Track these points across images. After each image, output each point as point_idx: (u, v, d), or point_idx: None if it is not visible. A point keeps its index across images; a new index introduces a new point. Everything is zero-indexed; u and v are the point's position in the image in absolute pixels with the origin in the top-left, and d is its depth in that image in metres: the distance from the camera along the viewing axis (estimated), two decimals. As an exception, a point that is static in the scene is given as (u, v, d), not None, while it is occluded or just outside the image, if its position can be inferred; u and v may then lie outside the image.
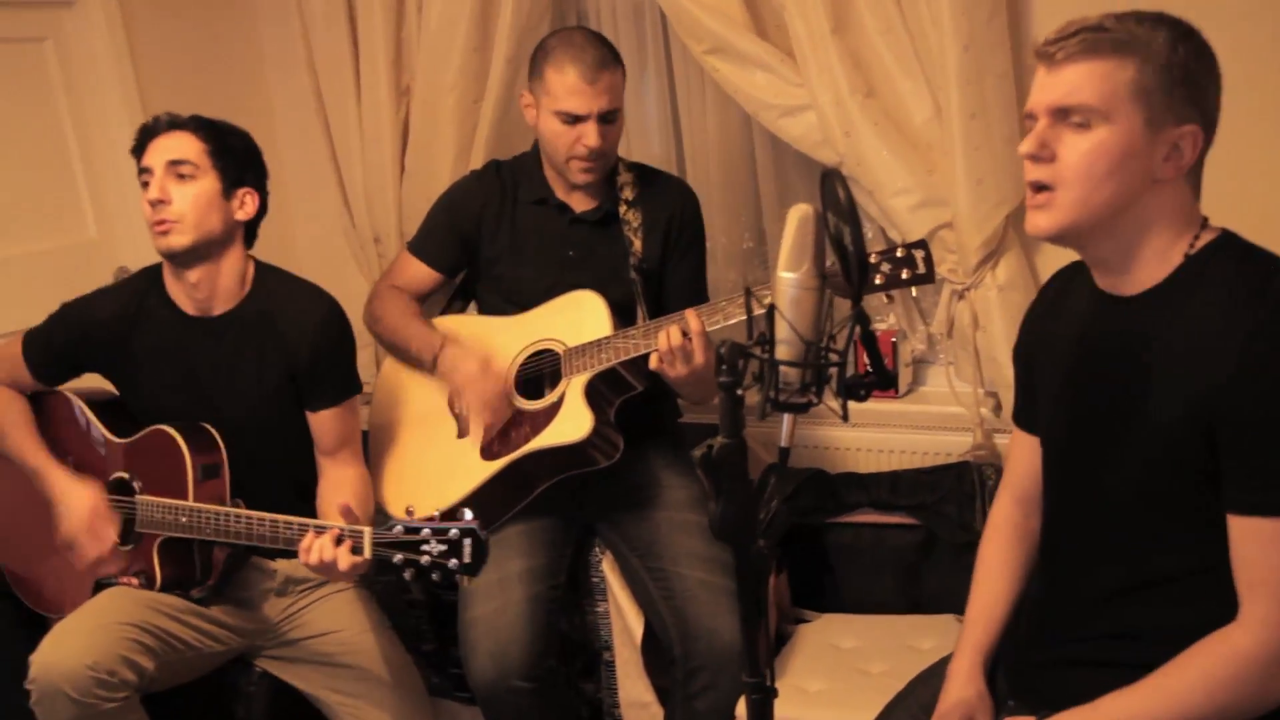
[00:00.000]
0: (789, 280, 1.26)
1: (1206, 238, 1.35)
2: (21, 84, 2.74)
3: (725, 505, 1.30)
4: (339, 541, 1.84)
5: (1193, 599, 1.35)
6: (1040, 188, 1.35)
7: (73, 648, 1.86)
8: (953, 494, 2.32)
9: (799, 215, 1.26)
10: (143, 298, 2.15)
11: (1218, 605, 1.31)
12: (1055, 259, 2.34)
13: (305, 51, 3.02)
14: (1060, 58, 1.31)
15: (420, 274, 2.38)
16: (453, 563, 1.77)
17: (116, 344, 2.14)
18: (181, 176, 2.02)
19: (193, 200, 2.02)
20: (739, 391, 1.28)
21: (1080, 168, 1.30)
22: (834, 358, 1.29)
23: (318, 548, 1.85)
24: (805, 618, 2.41)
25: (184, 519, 1.99)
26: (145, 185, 2.04)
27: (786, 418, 1.31)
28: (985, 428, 2.44)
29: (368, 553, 1.82)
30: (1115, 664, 1.38)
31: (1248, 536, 1.28)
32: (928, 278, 1.95)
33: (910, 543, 2.36)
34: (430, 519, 1.80)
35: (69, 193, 2.85)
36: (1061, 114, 1.31)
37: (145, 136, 2.08)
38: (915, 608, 2.36)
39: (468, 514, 1.79)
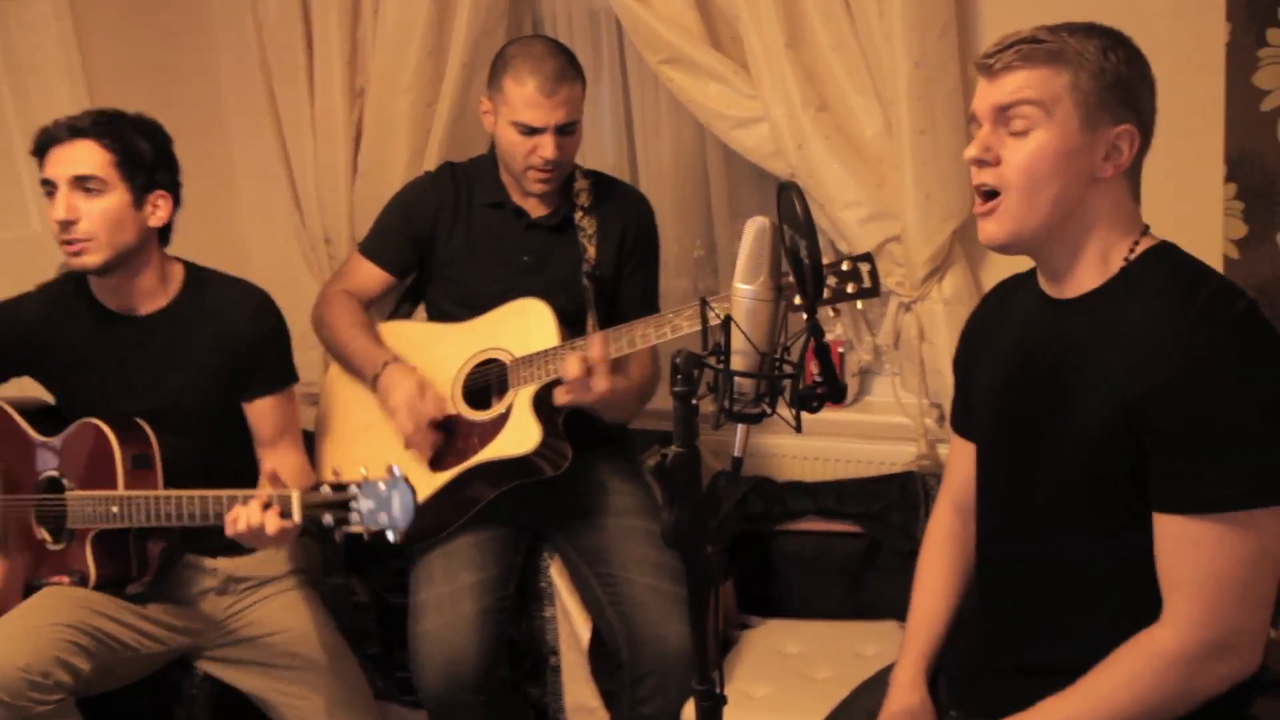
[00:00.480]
0: (745, 291, 1.28)
1: (1145, 244, 1.40)
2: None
3: (678, 513, 1.32)
4: (266, 507, 1.81)
5: (1126, 601, 1.38)
6: (988, 194, 1.40)
7: (4, 651, 1.83)
8: (897, 503, 2.36)
9: (756, 227, 1.28)
10: (69, 299, 2.10)
11: (1150, 610, 1.34)
12: (1001, 274, 2.38)
13: (259, 49, 3.00)
14: (998, 68, 1.37)
15: (371, 275, 2.37)
16: (382, 517, 1.73)
17: (44, 346, 2.10)
18: (88, 190, 1.94)
19: (101, 217, 1.94)
20: (693, 401, 1.30)
21: (1023, 168, 1.35)
22: (788, 369, 1.31)
23: (244, 515, 1.81)
24: (750, 623, 2.43)
25: (114, 509, 1.95)
26: (49, 195, 1.96)
27: (740, 428, 1.33)
28: (929, 438, 2.49)
29: (296, 516, 1.78)
30: (1054, 670, 1.41)
31: (1171, 535, 1.31)
32: (873, 291, 1.98)
33: (855, 550, 2.40)
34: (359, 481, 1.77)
35: (10, 184, 2.79)
36: (1003, 116, 1.37)
37: (45, 143, 1.98)
38: (859, 614, 2.39)
39: (395, 469, 1.75)
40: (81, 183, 1.95)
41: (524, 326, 2.16)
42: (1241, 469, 1.27)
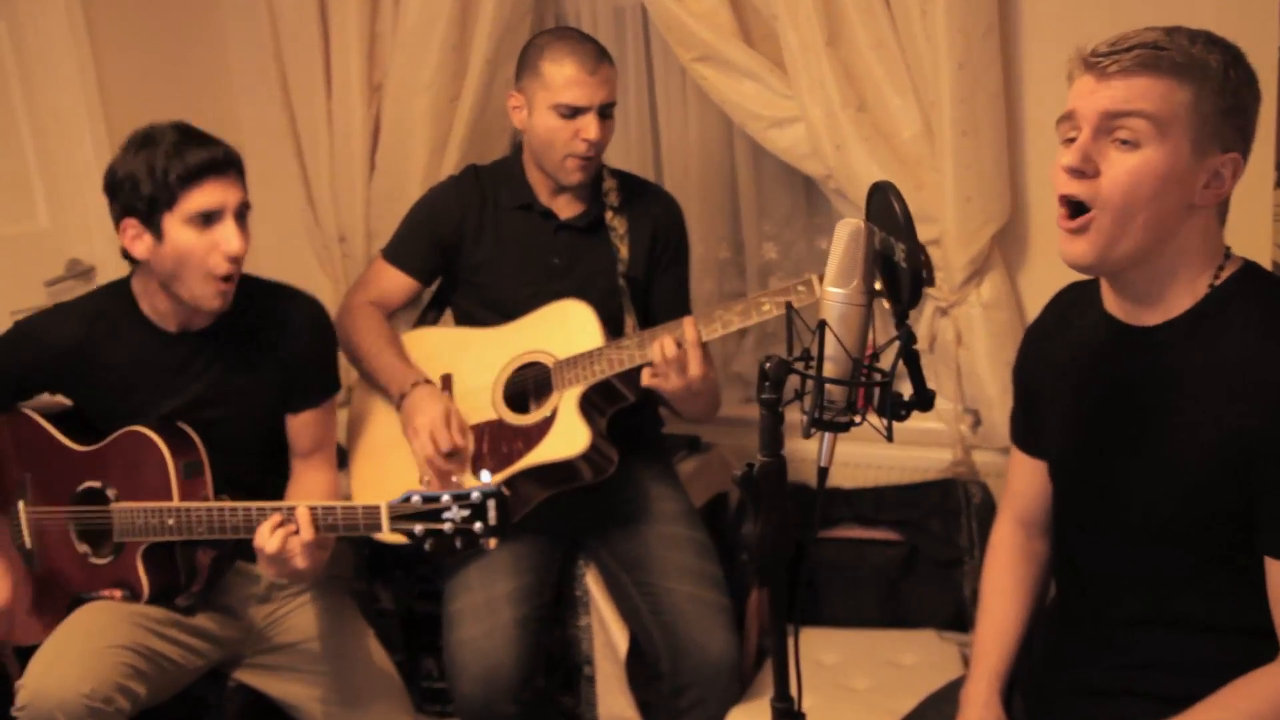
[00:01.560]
0: (837, 296, 1.23)
1: (1231, 268, 1.34)
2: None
3: (765, 524, 1.28)
4: (314, 521, 1.78)
5: (1216, 633, 1.35)
6: (1077, 210, 1.30)
7: (67, 675, 1.77)
8: (937, 510, 2.33)
9: (850, 229, 1.23)
10: (112, 318, 1.99)
11: (1242, 641, 1.31)
12: (1040, 280, 2.39)
13: (273, 43, 2.93)
14: (1113, 69, 1.26)
15: (396, 283, 2.31)
16: (478, 526, 1.70)
17: (83, 364, 1.98)
18: (242, 220, 1.91)
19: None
20: (780, 409, 1.26)
21: (1125, 186, 1.26)
22: (878, 376, 1.27)
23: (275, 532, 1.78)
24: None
25: (170, 521, 1.88)
26: (204, 223, 1.86)
27: (827, 437, 1.29)
28: (964, 444, 2.46)
29: (385, 528, 1.75)
30: (1135, 693, 1.38)
31: None
32: (929, 281, 1.94)
33: (892, 558, 2.36)
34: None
35: (20, 180, 2.72)
36: (1109, 124, 1.26)
37: (204, 170, 1.87)
38: (896, 622, 2.35)
39: (485, 475, 1.73)
40: (243, 212, 1.92)
41: (566, 328, 2.11)
42: None
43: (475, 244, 2.26)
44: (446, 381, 2.19)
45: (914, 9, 2.24)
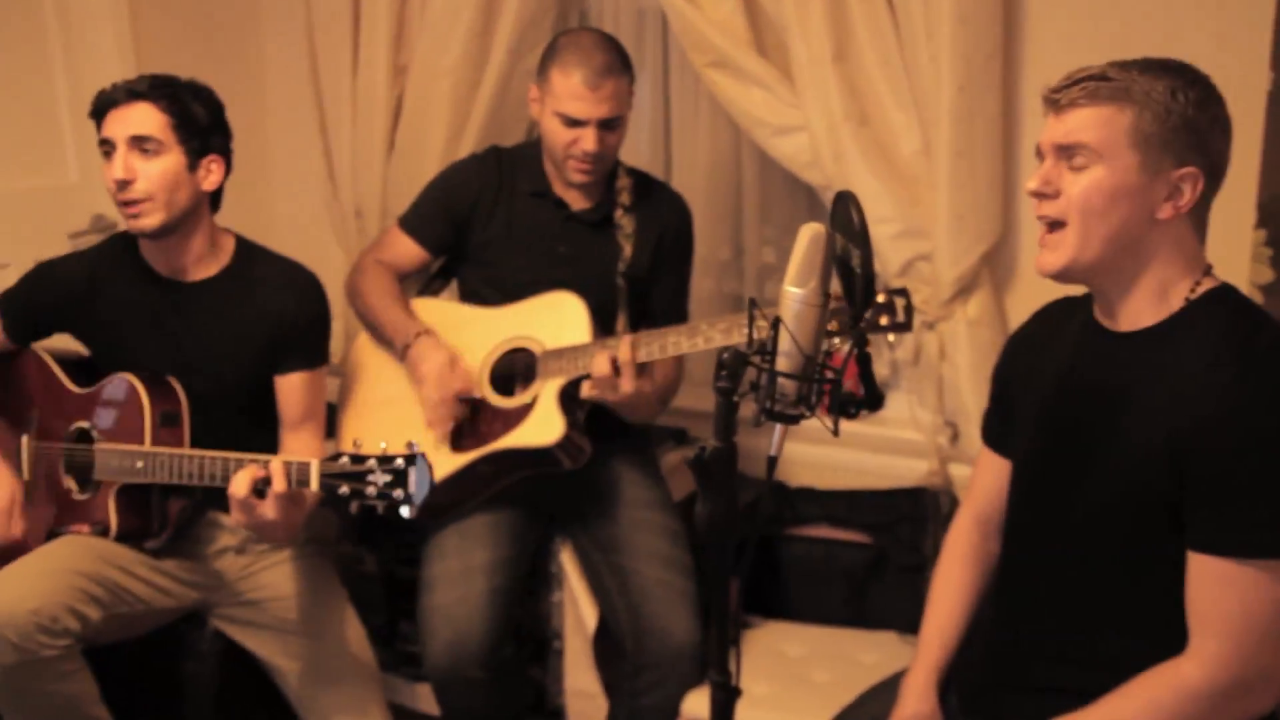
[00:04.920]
0: (795, 295, 1.31)
1: (1207, 285, 1.42)
2: (15, 23, 2.71)
3: (712, 506, 1.35)
4: (286, 475, 1.83)
5: (1146, 630, 1.42)
6: (1052, 226, 1.42)
7: (17, 592, 1.86)
8: (908, 517, 2.40)
9: (810, 233, 1.31)
10: (116, 260, 2.14)
11: (1169, 638, 1.38)
12: (1026, 300, 2.43)
13: (305, 19, 3.02)
14: (1064, 103, 1.39)
15: (408, 250, 2.39)
16: (398, 493, 1.76)
17: (88, 303, 2.12)
18: (145, 151, 1.98)
19: (159, 178, 1.98)
20: (734, 399, 1.33)
21: (1079, 202, 1.38)
22: (829, 374, 1.34)
23: (247, 475, 1.84)
24: (751, 623, 2.47)
25: (139, 464, 1.98)
26: (106, 156, 2.01)
27: (778, 428, 1.36)
28: (941, 456, 2.52)
29: (314, 484, 1.81)
30: (1067, 690, 1.45)
31: (1204, 574, 1.34)
32: (905, 326, 2.01)
33: (861, 560, 2.43)
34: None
35: (53, 135, 2.82)
36: (1064, 153, 1.39)
37: (104, 105, 2.02)
38: (859, 622, 2.42)
39: (414, 445, 1.77)
40: (139, 143, 1.98)
41: (557, 319, 2.19)
42: None
43: (486, 223, 2.34)
44: (440, 355, 2.28)
45: (920, 31, 2.30)
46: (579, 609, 2.29)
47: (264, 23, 3.23)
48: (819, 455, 2.65)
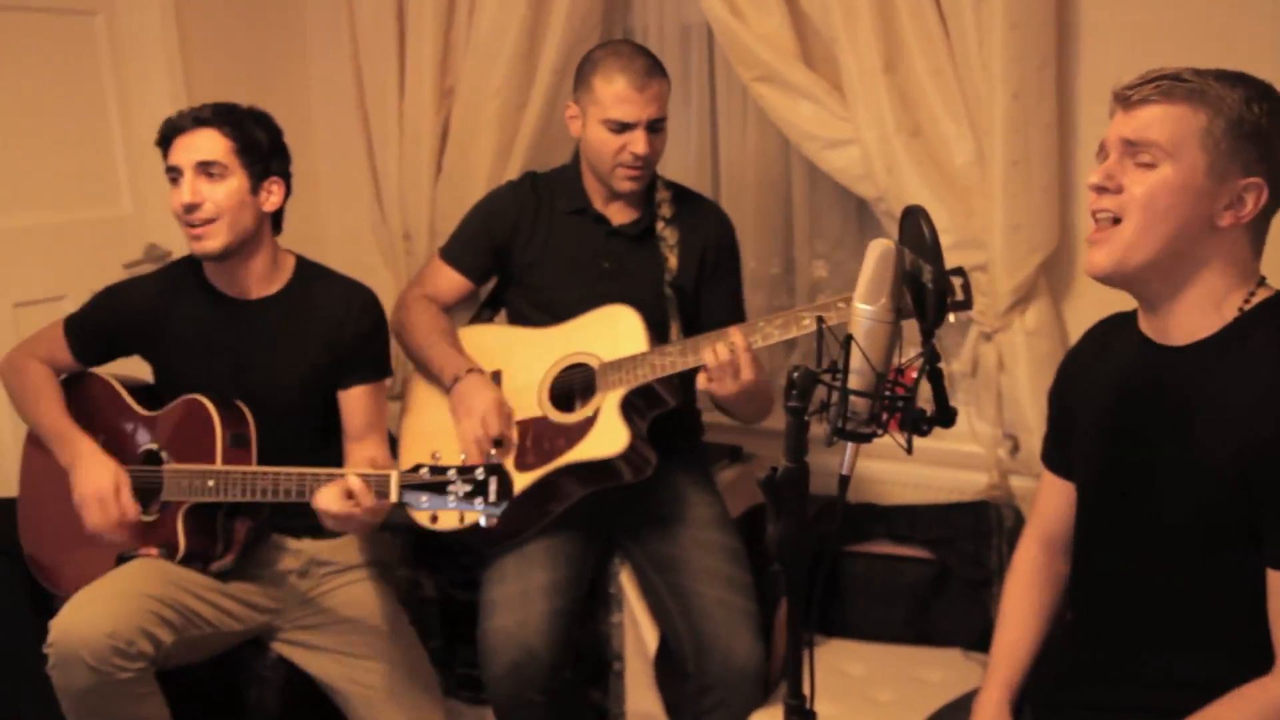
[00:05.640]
0: (865, 312, 1.29)
1: (1262, 295, 1.39)
2: (70, 55, 2.76)
3: (784, 527, 1.33)
4: (367, 487, 1.87)
5: (1226, 649, 1.38)
6: (1105, 222, 1.39)
7: (93, 615, 1.88)
8: (970, 531, 2.36)
9: (880, 249, 1.29)
10: (180, 281, 2.19)
11: (1251, 657, 1.35)
12: (1084, 310, 2.41)
13: (351, 45, 3.05)
14: (1136, 100, 1.37)
15: (451, 281, 2.39)
16: (478, 502, 1.78)
17: (154, 325, 2.17)
18: (211, 176, 2.04)
19: (225, 199, 2.04)
20: (806, 418, 1.31)
21: (1143, 199, 1.36)
22: (901, 391, 1.32)
23: (334, 493, 1.87)
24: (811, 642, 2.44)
25: (210, 482, 2.01)
26: (173, 182, 2.07)
27: (850, 447, 1.34)
28: (1001, 468, 2.48)
29: (394, 495, 1.85)
30: (1146, 709, 1.42)
31: None
32: (966, 304, 1.99)
33: (923, 575, 2.40)
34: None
35: (107, 166, 2.87)
36: (1130, 149, 1.37)
37: (170, 133, 2.09)
38: (922, 639, 2.39)
39: (493, 453, 1.80)
40: (205, 168, 2.04)
41: (612, 332, 2.18)
42: None
43: (527, 245, 2.34)
44: (496, 377, 2.27)
45: (971, 38, 2.28)
46: (639, 630, 2.28)
47: (310, 48, 3.27)
48: (877, 470, 2.63)
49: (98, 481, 2.04)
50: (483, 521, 1.77)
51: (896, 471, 2.60)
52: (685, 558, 2.21)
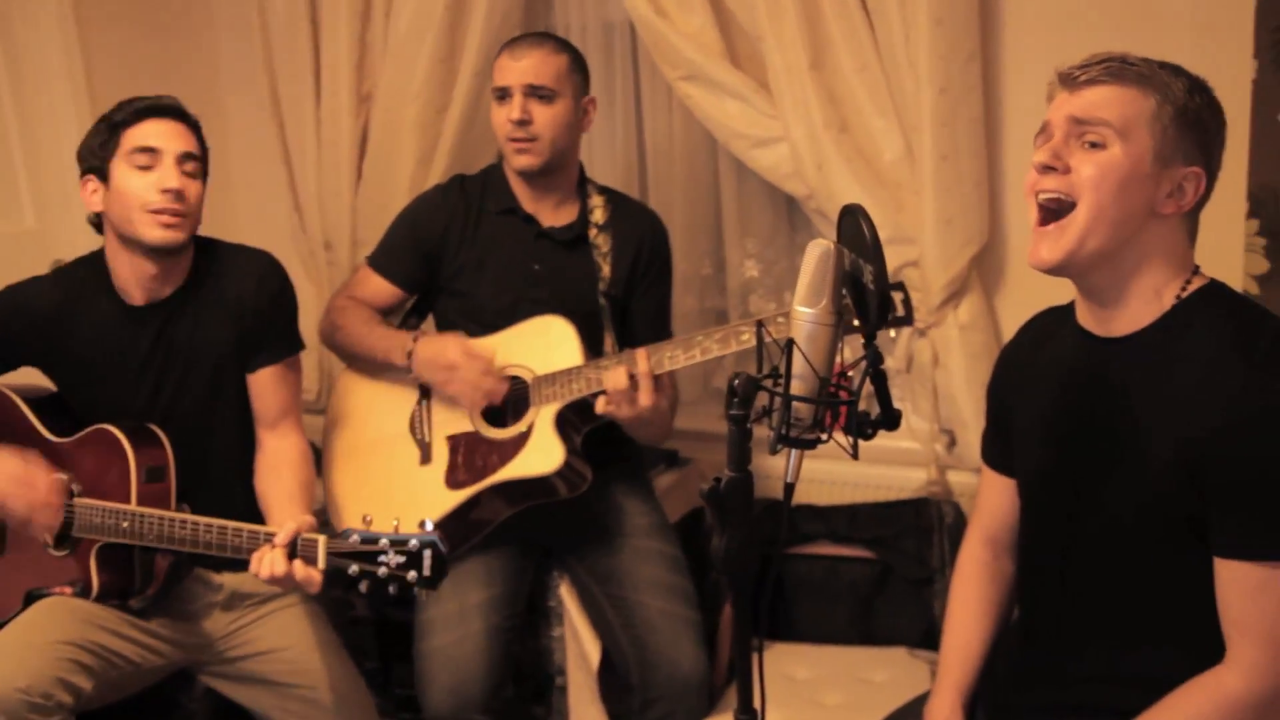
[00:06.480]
0: (806, 315, 1.25)
1: (1197, 283, 1.39)
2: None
3: (729, 538, 1.29)
4: (291, 554, 1.77)
5: (1176, 644, 1.38)
6: (1052, 211, 1.36)
7: (3, 671, 1.76)
8: (911, 529, 2.35)
9: (819, 250, 1.25)
10: (87, 287, 2.03)
11: (1202, 650, 1.34)
12: (1017, 303, 2.42)
13: (263, 49, 2.96)
14: (1083, 80, 1.35)
15: (380, 289, 2.32)
16: (411, 575, 1.70)
17: (56, 336, 2.01)
18: (188, 174, 1.95)
19: (198, 195, 1.98)
20: (748, 425, 1.28)
21: (1092, 180, 1.33)
22: (844, 395, 1.29)
23: (269, 562, 1.77)
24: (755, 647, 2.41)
25: (125, 524, 1.89)
26: (147, 168, 1.94)
27: (794, 453, 1.31)
28: (939, 464, 2.48)
29: (321, 564, 1.75)
30: (1103, 708, 1.40)
31: (1235, 580, 1.31)
32: (907, 320, 1.97)
33: (866, 575, 2.38)
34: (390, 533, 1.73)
35: (7, 181, 2.73)
36: (1078, 127, 1.35)
37: (144, 113, 1.98)
38: (867, 639, 2.37)
39: (428, 524, 1.72)
40: (185, 161, 1.96)
41: (545, 344, 2.13)
42: None
43: (456, 252, 2.27)
44: (425, 391, 2.21)
45: (897, 34, 2.27)
46: (581, 644, 2.22)
47: (220, 53, 3.16)
48: (815, 469, 2.59)
49: (3, 467, 1.91)
50: (421, 598, 1.69)
51: (834, 470, 2.57)
52: (626, 569, 2.16)
